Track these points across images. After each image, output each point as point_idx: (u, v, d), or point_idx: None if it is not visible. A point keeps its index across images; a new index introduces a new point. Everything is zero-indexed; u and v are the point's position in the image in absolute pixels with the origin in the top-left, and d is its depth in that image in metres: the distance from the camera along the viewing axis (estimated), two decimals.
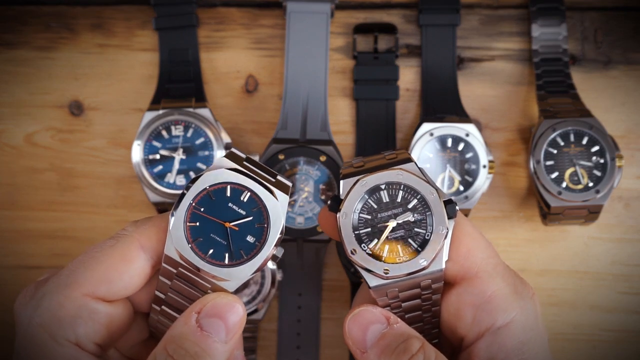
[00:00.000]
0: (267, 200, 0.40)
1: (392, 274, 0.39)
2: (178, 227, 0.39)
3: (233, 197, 0.40)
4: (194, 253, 0.39)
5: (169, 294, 0.41)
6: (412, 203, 0.41)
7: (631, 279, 0.64)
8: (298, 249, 0.60)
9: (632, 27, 0.66)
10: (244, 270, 0.39)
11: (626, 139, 0.65)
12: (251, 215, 0.40)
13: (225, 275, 0.39)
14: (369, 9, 0.66)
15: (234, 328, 0.38)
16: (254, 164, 0.41)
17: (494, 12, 0.66)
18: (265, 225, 0.40)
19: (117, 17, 0.66)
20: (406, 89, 0.66)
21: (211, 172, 0.40)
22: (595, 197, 0.59)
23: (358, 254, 0.40)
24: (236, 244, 0.40)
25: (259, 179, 0.40)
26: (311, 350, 0.63)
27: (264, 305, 0.60)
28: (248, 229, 0.40)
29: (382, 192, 0.41)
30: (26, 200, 0.65)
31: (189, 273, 0.40)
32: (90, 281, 0.38)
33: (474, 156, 0.61)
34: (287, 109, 0.61)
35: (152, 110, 0.61)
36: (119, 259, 0.39)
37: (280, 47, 0.65)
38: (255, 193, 0.40)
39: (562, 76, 0.63)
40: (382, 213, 0.41)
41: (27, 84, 0.66)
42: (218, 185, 0.40)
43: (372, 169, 0.41)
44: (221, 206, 0.40)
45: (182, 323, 0.38)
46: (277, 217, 0.40)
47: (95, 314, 0.39)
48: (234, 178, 0.40)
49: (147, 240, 0.40)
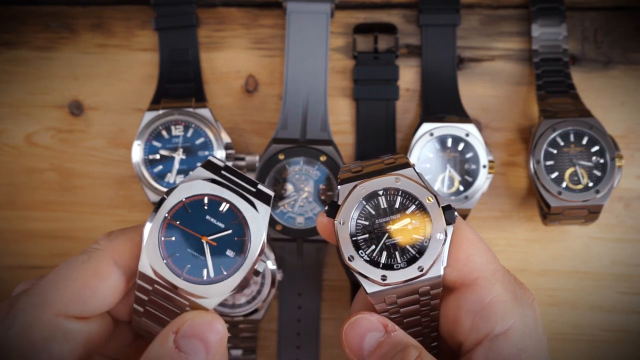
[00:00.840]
0: (246, 212, 0.38)
1: (390, 280, 0.39)
2: (152, 242, 0.37)
3: (211, 210, 0.38)
4: (169, 270, 0.37)
5: (147, 308, 0.39)
6: (410, 209, 0.40)
7: (631, 279, 0.64)
8: (298, 249, 0.60)
9: (632, 27, 0.66)
10: (224, 287, 0.37)
11: (626, 139, 0.65)
12: (230, 228, 0.38)
13: (203, 292, 0.37)
14: (369, 9, 0.66)
15: (214, 348, 0.36)
16: (233, 173, 0.39)
17: (494, 12, 0.66)
18: (245, 238, 0.38)
19: (117, 17, 0.66)
20: (406, 89, 0.66)
21: (187, 184, 0.38)
22: (595, 197, 0.59)
23: (355, 261, 0.39)
24: (215, 260, 0.37)
25: (238, 189, 0.38)
26: (311, 350, 0.63)
27: (264, 305, 0.60)
28: (227, 243, 0.38)
29: (380, 198, 0.40)
30: (26, 200, 0.65)
31: (165, 290, 0.37)
32: (62, 300, 0.37)
33: (474, 156, 0.61)
34: (287, 109, 0.61)
35: (152, 110, 0.61)
36: (91, 276, 0.37)
37: (280, 47, 0.65)
38: (234, 205, 0.38)
39: (562, 76, 0.63)
40: (380, 219, 0.40)
41: (27, 84, 0.66)
42: (194, 197, 0.38)
43: (370, 174, 0.41)
44: (198, 219, 0.38)
45: (159, 345, 0.36)
46: (258, 229, 0.38)
47: (70, 333, 0.37)
48: (211, 189, 0.38)
49: (120, 256, 0.38)
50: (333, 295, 0.65)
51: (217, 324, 0.37)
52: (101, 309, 0.38)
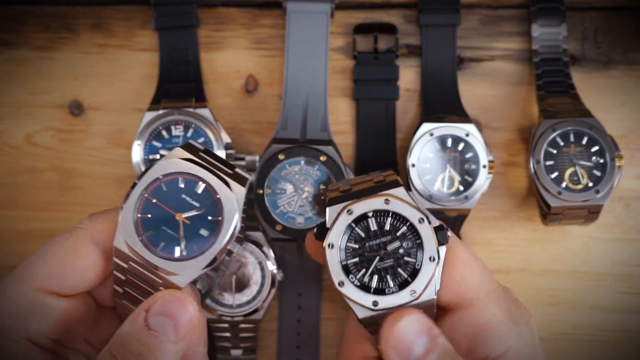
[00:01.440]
0: (221, 192, 0.38)
1: (382, 305, 0.38)
2: (128, 219, 0.38)
3: (187, 189, 0.38)
4: (143, 246, 0.37)
5: (126, 289, 0.39)
6: (400, 231, 0.39)
7: (631, 279, 0.64)
8: (298, 249, 0.60)
9: (632, 27, 0.66)
10: (195, 265, 0.37)
11: (626, 139, 0.65)
12: (205, 207, 0.38)
13: (175, 269, 0.37)
14: (369, 9, 0.66)
15: (184, 327, 0.36)
16: (211, 156, 0.39)
17: (494, 12, 0.66)
18: (220, 218, 0.38)
19: (117, 17, 0.66)
20: (406, 89, 0.66)
21: (164, 162, 0.38)
22: (595, 197, 0.59)
23: (346, 286, 0.38)
24: (188, 238, 0.38)
25: (214, 169, 0.38)
26: (311, 350, 0.63)
27: (264, 305, 0.60)
28: (201, 222, 0.38)
29: (369, 219, 0.39)
30: (26, 200, 0.65)
31: (140, 267, 0.38)
32: (41, 275, 0.38)
33: (474, 156, 0.61)
34: (287, 109, 0.61)
35: (152, 110, 0.61)
36: (70, 253, 0.38)
37: (280, 47, 0.65)
38: (209, 184, 0.38)
39: (562, 76, 0.63)
40: (370, 242, 0.39)
41: (27, 84, 0.66)
42: (171, 176, 0.38)
43: (359, 194, 0.40)
44: (174, 197, 0.38)
45: (130, 322, 0.36)
46: (232, 209, 0.38)
47: (48, 308, 0.38)
48: (188, 168, 0.38)
49: (99, 233, 0.39)
50: (333, 295, 0.65)
51: (188, 303, 0.36)
52: (80, 286, 0.39)
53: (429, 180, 0.60)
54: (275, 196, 0.59)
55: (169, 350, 0.36)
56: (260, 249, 0.60)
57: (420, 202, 0.40)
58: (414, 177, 0.60)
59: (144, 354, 0.35)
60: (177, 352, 0.36)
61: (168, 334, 0.36)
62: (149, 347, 0.35)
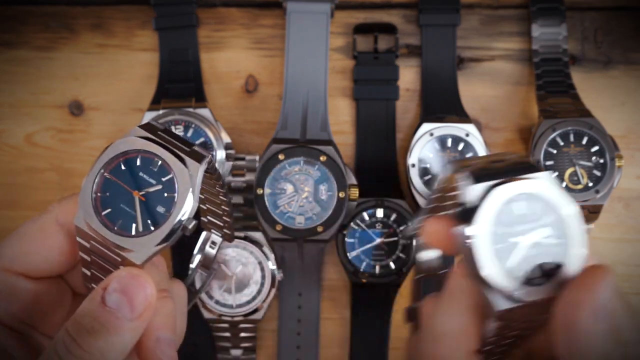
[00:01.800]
0: (176, 169, 0.38)
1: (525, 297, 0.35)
2: (87, 197, 0.38)
3: (143, 166, 0.38)
4: (102, 224, 0.38)
5: (92, 271, 0.39)
6: (548, 219, 0.36)
7: (631, 279, 0.64)
8: (298, 249, 0.61)
9: (632, 27, 0.66)
10: (149, 241, 0.37)
11: (626, 139, 0.65)
12: (161, 184, 0.38)
13: (131, 245, 0.37)
14: (369, 9, 0.66)
15: (139, 305, 0.36)
16: (170, 135, 0.39)
17: (494, 12, 0.66)
18: (175, 194, 0.38)
19: (117, 17, 0.66)
20: (406, 89, 0.66)
21: (122, 140, 0.39)
22: (595, 197, 0.59)
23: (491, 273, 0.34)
24: (145, 215, 0.38)
25: (171, 147, 0.38)
26: (311, 350, 0.63)
27: (264, 305, 0.60)
28: (158, 199, 0.38)
29: (517, 203, 0.36)
30: (26, 200, 0.65)
31: (100, 246, 0.38)
32: (7, 255, 0.38)
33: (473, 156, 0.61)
34: (287, 109, 0.61)
35: (153, 110, 0.61)
36: (36, 233, 0.39)
37: (281, 47, 0.65)
38: (165, 161, 0.38)
39: (562, 76, 0.63)
40: (516, 227, 0.36)
41: (27, 84, 0.66)
42: (129, 155, 0.38)
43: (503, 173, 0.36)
44: (132, 175, 0.38)
45: (88, 300, 0.36)
46: (186, 185, 0.38)
47: (16, 289, 0.38)
48: (145, 146, 0.38)
49: (64, 215, 0.39)
50: (333, 295, 0.65)
51: (144, 280, 0.36)
52: (47, 267, 0.39)
53: (429, 180, 0.60)
54: (275, 196, 0.59)
55: (124, 327, 0.35)
56: (260, 249, 0.60)
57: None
58: (414, 177, 0.60)
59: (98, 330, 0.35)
60: (133, 330, 0.36)
61: (123, 310, 0.35)
62: (103, 324, 0.35)
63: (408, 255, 0.61)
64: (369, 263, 0.61)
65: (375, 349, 0.64)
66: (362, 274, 0.61)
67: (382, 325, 0.63)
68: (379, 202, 0.61)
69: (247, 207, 0.62)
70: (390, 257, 0.61)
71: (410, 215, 0.61)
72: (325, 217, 0.59)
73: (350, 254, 0.61)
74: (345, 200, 0.59)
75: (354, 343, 0.64)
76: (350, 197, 0.59)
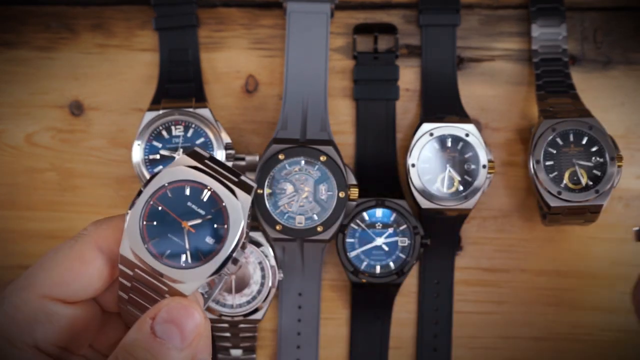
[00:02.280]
0: (227, 200, 0.38)
1: None
2: (134, 226, 0.37)
3: (192, 196, 0.38)
4: (149, 254, 0.37)
5: (131, 295, 0.39)
6: None
7: (631, 279, 0.64)
8: (298, 249, 0.61)
9: (632, 27, 0.66)
10: (200, 273, 0.37)
11: (626, 139, 0.65)
12: (210, 215, 0.38)
13: (180, 277, 0.37)
14: (369, 9, 0.66)
15: (190, 334, 0.36)
16: (216, 163, 0.39)
17: (494, 12, 0.66)
18: (225, 226, 0.37)
19: (117, 17, 0.66)
20: (406, 89, 0.66)
21: (170, 169, 0.38)
22: (595, 197, 0.59)
23: None
24: (194, 245, 0.37)
25: (220, 177, 0.38)
26: (311, 350, 0.63)
27: (264, 305, 0.60)
28: (207, 229, 0.38)
29: None
30: (26, 200, 0.65)
31: (146, 275, 0.38)
32: (46, 282, 0.37)
33: (473, 156, 0.61)
34: (287, 109, 0.61)
35: (153, 110, 0.61)
36: (75, 260, 0.38)
37: (281, 47, 0.65)
38: (215, 192, 0.38)
39: (561, 76, 0.63)
40: None
41: (27, 84, 0.66)
42: (177, 184, 0.38)
43: None
44: (180, 205, 0.38)
45: (136, 330, 0.36)
46: (238, 217, 0.37)
47: (54, 316, 0.37)
48: (194, 176, 0.38)
49: (104, 240, 0.38)
50: (333, 295, 0.65)
51: (194, 310, 0.36)
52: (86, 294, 0.39)
53: (428, 180, 0.60)
54: (275, 196, 0.59)
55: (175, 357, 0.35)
56: (260, 249, 0.60)
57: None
58: (414, 177, 0.60)
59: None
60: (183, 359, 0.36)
61: (174, 341, 0.35)
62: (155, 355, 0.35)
63: (408, 255, 0.61)
64: (369, 263, 0.61)
65: (375, 348, 0.64)
66: (362, 274, 0.61)
67: (382, 325, 0.63)
68: (379, 202, 0.61)
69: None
70: (390, 257, 0.61)
71: (410, 215, 0.61)
72: (325, 217, 0.59)
73: (350, 254, 0.61)
74: (345, 200, 0.59)
75: (354, 343, 0.64)
76: (350, 197, 0.59)
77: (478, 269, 0.65)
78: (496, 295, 0.65)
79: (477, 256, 0.65)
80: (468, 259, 0.65)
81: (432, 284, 0.64)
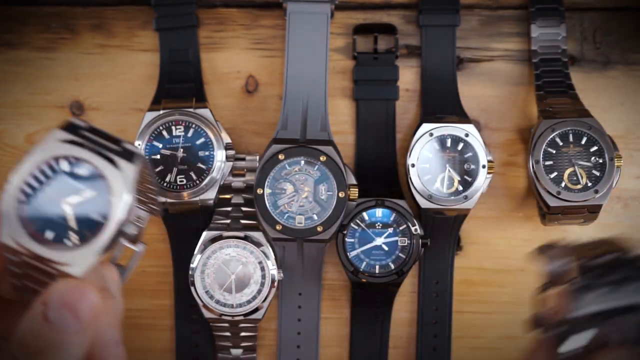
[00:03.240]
0: (107, 171, 0.35)
1: None
2: (11, 212, 0.35)
3: (70, 172, 0.35)
4: (31, 239, 0.34)
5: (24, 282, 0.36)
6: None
7: None
8: (298, 249, 0.61)
9: (632, 27, 0.66)
10: (88, 252, 0.34)
11: (625, 139, 0.65)
12: (93, 190, 0.35)
13: (68, 259, 0.34)
14: (369, 9, 0.66)
15: (85, 317, 0.34)
16: (94, 133, 0.36)
17: (494, 13, 0.66)
18: (109, 199, 0.35)
19: (117, 17, 0.66)
20: (406, 89, 0.66)
21: (42, 147, 0.36)
22: (594, 197, 0.59)
23: None
24: (77, 224, 0.35)
25: (98, 148, 0.36)
26: (311, 350, 0.63)
27: (264, 305, 0.60)
28: (89, 205, 0.35)
29: None
30: None
31: (32, 260, 0.35)
32: None
33: (473, 156, 0.61)
34: (287, 109, 0.61)
35: (153, 111, 0.61)
36: None
37: (281, 47, 0.65)
38: (94, 165, 0.35)
39: (561, 76, 0.64)
40: None
41: (28, 84, 0.66)
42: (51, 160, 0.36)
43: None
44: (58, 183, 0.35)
45: (29, 318, 0.34)
46: (120, 189, 0.35)
47: None
48: (70, 150, 0.35)
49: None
50: (333, 295, 0.65)
51: (87, 291, 0.34)
52: None
53: (428, 180, 0.61)
54: (275, 196, 0.59)
55: (72, 342, 0.34)
56: (260, 249, 0.60)
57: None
58: (413, 177, 0.60)
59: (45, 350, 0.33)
60: (81, 343, 0.34)
61: (69, 325, 0.34)
62: (50, 342, 0.33)
63: (408, 255, 0.61)
64: (368, 263, 0.61)
65: (375, 348, 0.64)
66: (362, 273, 0.61)
67: (382, 325, 0.64)
68: (379, 202, 0.61)
69: (247, 207, 0.62)
70: (390, 257, 0.61)
71: (410, 215, 0.61)
72: (325, 217, 0.59)
73: (350, 253, 0.61)
74: (345, 200, 0.59)
75: (354, 343, 0.64)
76: (350, 197, 0.59)
77: (478, 269, 0.65)
78: (496, 295, 0.65)
79: (476, 256, 0.65)
80: (468, 259, 0.65)
81: (431, 284, 0.64)
